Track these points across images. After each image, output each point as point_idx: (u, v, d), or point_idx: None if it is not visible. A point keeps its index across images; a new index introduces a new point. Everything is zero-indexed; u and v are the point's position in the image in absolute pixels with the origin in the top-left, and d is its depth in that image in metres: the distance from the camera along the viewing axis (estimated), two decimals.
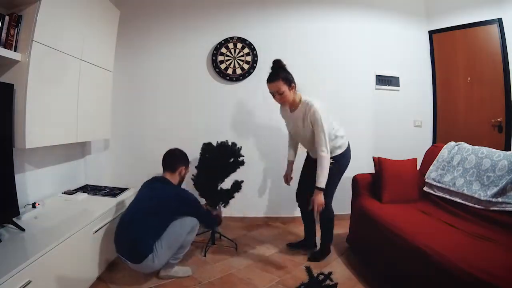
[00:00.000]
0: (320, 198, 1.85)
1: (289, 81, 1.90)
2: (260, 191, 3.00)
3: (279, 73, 1.89)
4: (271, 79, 1.90)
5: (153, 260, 1.68)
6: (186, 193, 1.91)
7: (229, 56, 2.91)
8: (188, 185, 2.28)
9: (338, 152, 2.02)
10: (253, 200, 2.99)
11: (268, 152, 2.97)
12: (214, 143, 2.40)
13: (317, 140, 1.86)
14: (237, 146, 2.38)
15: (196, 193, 2.24)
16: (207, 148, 2.37)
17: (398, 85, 3.13)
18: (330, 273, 1.93)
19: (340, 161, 2.02)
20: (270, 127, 2.94)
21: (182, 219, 1.83)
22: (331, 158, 1.89)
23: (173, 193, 1.85)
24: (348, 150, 2.08)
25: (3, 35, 1.47)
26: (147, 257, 1.66)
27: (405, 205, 2.08)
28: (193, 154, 2.32)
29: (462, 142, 2.24)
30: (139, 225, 1.70)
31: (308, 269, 1.98)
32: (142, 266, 1.70)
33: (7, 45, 1.48)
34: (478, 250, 1.38)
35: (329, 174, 1.87)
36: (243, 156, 2.39)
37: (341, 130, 2.06)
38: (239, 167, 2.36)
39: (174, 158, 1.99)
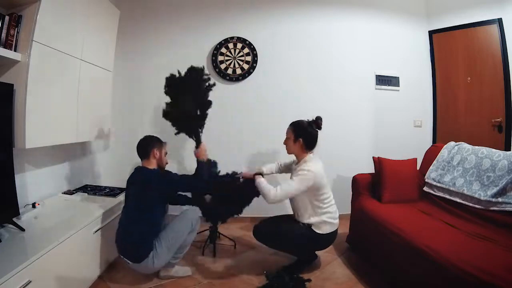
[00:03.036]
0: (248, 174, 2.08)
1: (298, 134, 1.89)
2: None
3: (295, 123, 1.95)
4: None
5: (153, 260, 1.68)
6: (164, 171, 1.94)
7: (229, 56, 2.91)
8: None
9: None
10: (253, 201, 2.98)
11: (268, 152, 2.97)
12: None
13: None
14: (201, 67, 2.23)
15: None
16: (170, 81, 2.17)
17: (398, 85, 3.13)
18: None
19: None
20: (271, 127, 2.93)
21: (182, 219, 1.83)
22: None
23: (151, 175, 1.80)
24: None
25: (3, 35, 1.47)
26: (147, 257, 1.66)
27: (405, 205, 2.08)
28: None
29: (462, 142, 2.24)
30: (135, 223, 1.69)
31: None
32: (142, 266, 1.70)
33: (7, 45, 1.48)
34: (478, 250, 1.39)
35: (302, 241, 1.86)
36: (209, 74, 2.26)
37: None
38: (211, 89, 2.24)
39: (144, 144, 1.90)
